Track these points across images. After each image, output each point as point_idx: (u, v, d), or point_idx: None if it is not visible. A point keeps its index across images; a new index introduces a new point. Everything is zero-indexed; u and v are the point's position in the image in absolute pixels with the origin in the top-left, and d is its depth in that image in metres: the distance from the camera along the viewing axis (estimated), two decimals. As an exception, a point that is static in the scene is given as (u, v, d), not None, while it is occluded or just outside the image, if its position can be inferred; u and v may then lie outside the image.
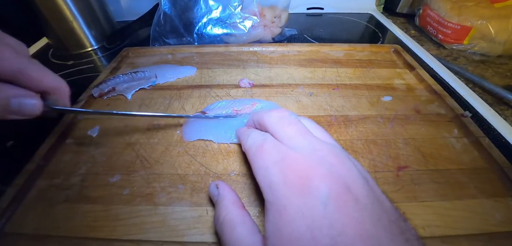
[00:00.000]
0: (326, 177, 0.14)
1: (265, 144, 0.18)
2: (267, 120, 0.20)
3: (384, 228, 0.13)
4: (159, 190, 0.23)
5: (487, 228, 0.20)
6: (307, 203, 0.14)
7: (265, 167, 0.16)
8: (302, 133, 0.18)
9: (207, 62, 0.41)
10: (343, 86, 0.35)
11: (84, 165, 0.25)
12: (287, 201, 0.14)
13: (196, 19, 0.46)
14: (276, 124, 0.19)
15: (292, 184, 0.15)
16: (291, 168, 0.15)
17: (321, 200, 0.14)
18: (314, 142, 0.17)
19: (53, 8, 0.44)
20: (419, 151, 0.26)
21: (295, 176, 0.15)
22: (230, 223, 0.16)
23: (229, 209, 0.17)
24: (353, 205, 0.13)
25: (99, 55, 0.49)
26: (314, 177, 0.14)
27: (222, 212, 0.17)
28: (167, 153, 0.26)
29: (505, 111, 0.33)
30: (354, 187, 0.14)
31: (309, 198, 0.14)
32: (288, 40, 0.52)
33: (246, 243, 0.15)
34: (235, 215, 0.17)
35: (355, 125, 0.29)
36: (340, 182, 0.14)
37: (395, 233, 0.13)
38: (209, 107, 0.31)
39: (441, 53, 0.48)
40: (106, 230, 0.20)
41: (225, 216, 0.17)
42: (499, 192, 0.22)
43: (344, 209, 0.13)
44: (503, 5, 0.43)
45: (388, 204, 0.15)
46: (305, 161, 0.15)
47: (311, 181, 0.14)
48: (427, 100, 0.33)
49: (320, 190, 0.14)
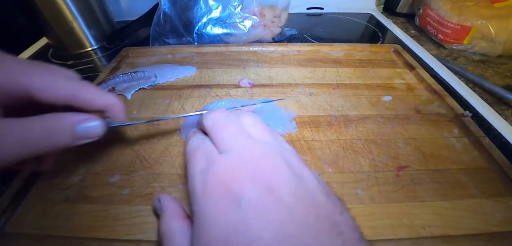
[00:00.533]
0: (246, 180, 0.14)
1: (197, 151, 0.17)
2: (204, 123, 0.19)
3: (309, 227, 0.12)
4: (159, 189, 0.23)
5: (487, 228, 0.20)
6: (224, 209, 0.13)
7: (191, 175, 0.16)
8: (235, 136, 0.17)
9: (207, 62, 0.41)
10: (343, 86, 0.35)
11: (84, 165, 0.25)
12: (206, 209, 0.14)
13: (196, 19, 0.46)
14: (212, 127, 0.18)
15: (212, 192, 0.14)
16: (214, 175, 0.15)
17: (239, 204, 0.13)
18: (244, 144, 0.16)
19: (53, 8, 0.44)
20: (419, 150, 0.26)
21: (216, 183, 0.15)
22: (169, 234, 0.16)
23: (168, 221, 0.17)
24: (274, 207, 0.13)
25: (99, 55, 0.49)
26: (234, 182, 0.14)
27: (161, 224, 0.17)
28: (167, 153, 0.26)
29: (505, 111, 0.33)
30: (279, 188, 0.14)
31: (227, 204, 0.13)
32: (288, 40, 0.52)
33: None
34: (174, 226, 0.17)
35: (355, 125, 0.29)
36: (262, 184, 0.14)
37: (323, 229, 0.12)
38: (208, 106, 0.31)
39: (441, 53, 0.48)
40: (106, 230, 0.20)
41: (164, 228, 0.17)
42: (499, 192, 0.22)
43: (263, 212, 0.13)
44: (503, 5, 0.43)
45: (322, 199, 0.14)
46: (228, 166, 0.15)
47: (231, 186, 0.14)
48: (427, 100, 0.33)
49: (239, 194, 0.14)
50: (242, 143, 0.17)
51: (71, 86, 0.18)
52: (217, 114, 0.19)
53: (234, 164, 0.15)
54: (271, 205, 0.13)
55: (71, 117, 0.18)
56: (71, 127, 0.18)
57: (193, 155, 0.17)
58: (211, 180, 0.15)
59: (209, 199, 0.14)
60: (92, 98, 0.20)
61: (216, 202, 0.14)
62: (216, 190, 0.14)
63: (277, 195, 0.13)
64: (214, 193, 0.14)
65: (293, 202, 0.13)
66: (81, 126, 0.18)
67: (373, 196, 0.22)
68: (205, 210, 0.14)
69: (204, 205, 0.14)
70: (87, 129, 0.19)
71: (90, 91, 0.20)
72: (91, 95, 0.20)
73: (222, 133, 0.18)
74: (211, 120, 0.19)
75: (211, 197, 0.14)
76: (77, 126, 0.18)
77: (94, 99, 0.20)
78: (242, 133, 0.17)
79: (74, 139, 0.18)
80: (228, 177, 0.15)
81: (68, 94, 0.18)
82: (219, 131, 0.18)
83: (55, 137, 0.17)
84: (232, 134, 0.17)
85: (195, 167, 0.16)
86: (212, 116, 0.19)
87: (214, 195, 0.14)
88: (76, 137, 0.18)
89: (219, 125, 0.18)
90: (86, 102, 0.19)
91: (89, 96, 0.19)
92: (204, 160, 0.16)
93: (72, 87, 0.19)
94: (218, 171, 0.15)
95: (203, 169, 0.16)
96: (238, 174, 0.14)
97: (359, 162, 0.25)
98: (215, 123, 0.19)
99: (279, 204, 0.13)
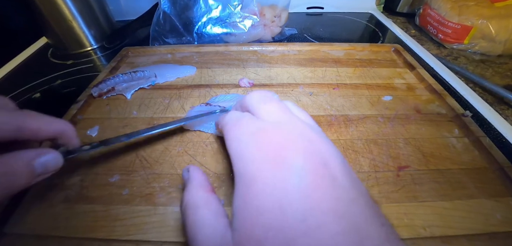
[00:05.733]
0: (304, 150, 0.14)
1: (243, 119, 0.17)
2: (248, 99, 0.19)
3: (360, 210, 0.12)
4: (159, 190, 0.23)
5: (487, 228, 0.20)
6: (279, 175, 0.13)
7: (238, 137, 0.16)
8: (282, 110, 0.17)
9: (207, 62, 0.40)
10: (343, 86, 0.35)
11: (84, 165, 0.25)
12: (258, 172, 0.14)
13: (196, 18, 0.46)
14: (256, 101, 0.18)
15: (265, 155, 0.14)
16: (267, 139, 0.15)
17: (295, 172, 0.13)
18: (294, 118, 0.17)
19: (52, 7, 0.44)
20: (420, 150, 0.26)
21: (270, 147, 0.14)
22: (194, 205, 0.16)
23: (194, 192, 0.16)
24: (330, 182, 0.13)
25: (98, 54, 0.49)
26: (291, 149, 0.14)
27: (186, 194, 0.17)
28: (167, 153, 0.26)
29: (506, 111, 0.33)
30: (333, 165, 0.14)
31: (283, 170, 0.13)
32: (288, 39, 0.51)
33: (208, 224, 0.14)
34: (200, 197, 0.16)
35: (356, 125, 0.29)
36: (318, 157, 0.14)
37: (371, 216, 0.12)
38: (213, 99, 0.32)
39: (441, 52, 0.48)
40: (106, 230, 0.20)
41: (189, 198, 0.16)
42: (500, 192, 0.22)
43: (320, 183, 0.13)
44: (504, 4, 0.43)
45: (364, 189, 0.14)
46: (283, 134, 0.15)
47: (287, 153, 0.14)
48: (428, 100, 0.32)
49: (295, 162, 0.13)
50: (291, 118, 0.17)
51: (14, 118, 0.16)
52: (261, 92, 0.19)
53: (287, 133, 0.15)
54: (328, 180, 0.13)
55: (25, 154, 0.16)
56: (27, 165, 0.16)
57: (237, 121, 0.17)
58: (264, 143, 0.15)
59: (262, 161, 0.14)
60: (40, 127, 0.18)
61: (269, 165, 0.14)
62: (271, 153, 0.14)
63: (332, 172, 0.13)
64: (269, 155, 0.14)
65: (346, 183, 0.13)
66: (38, 161, 0.16)
67: (373, 196, 0.22)
68: (256, 172, 0.14)
69: (255, 167, 0.14)
70: (45, 163, 0.17)
71: (36, 119, 0.18)
72: (37, 124, 0.18)
73: (269, 106, 0.18)
74: (256, 96, 0.19)
75: (264, 158, 0.14)
76: (34, 162, 0.16)
77: (42, 128, 0.18)
78: (288, 109, 0.18)
79: (33, 177, 0.16)
80: (282, 144, 0.14)
81: (12, 127, 0.16)
82: (266, 103, 0.18)
83: (11, 180, 0.15)
84: (278, 108, 0.17)
85: (242, 131, 0.16)
86: (256, 93, 0.19)
87: (268, 157, 0.14)
88: (34, 174, 0.16)
89: (266, 99, 0.18)
90: (34, 133, 0.17)
91: (35, 125, 0.18)
92: (252, 125, 0.16)
93: (15, 119, 0.16)
94: (272, 135, 0.15)
95: (252, 132, 0.16)
96: (292, 144, 0.14)
97: (359, 162, 0.25)
98: (258, 98, 0.19)
99: (334, 181, 0.13)
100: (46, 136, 0.18)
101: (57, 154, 0.18)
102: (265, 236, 0.12)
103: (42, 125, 0.18)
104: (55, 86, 0.40)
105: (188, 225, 0.15)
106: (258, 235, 0.12)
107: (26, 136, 0.17)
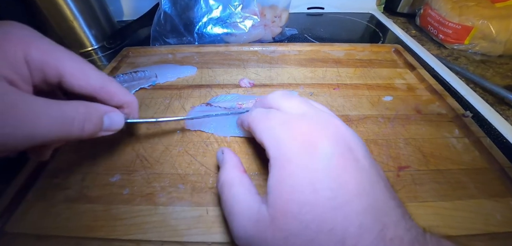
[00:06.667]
0: (331, 136, 0.15)
1: (270, 113, 0.19)
2: (271, 97, 0.21)
3: (380, 190, 0.14)
4: (159, 189, 0.23)
5: (488, 228, 0.20)
6: (311, 158, 0.15)
7: (271, 127, 0.18)
8: (305, 103, 0.19)
9: (208, 62, 0.40)
10: (343, 86, 0.35)
11: (84, 164, 0.25)
12: (292, 154, 0.15)
13: (197, 18, 0.46)
14: (279, 99, 0.20)
15: (297, 140, 0.16)
16: (297, 127, 0.16)
17: (325, 156, 0.15)
18: (318, 110, 0.18)
19: (53, 7, 0.44)
20: (420, 151, 0.26)
21: (300, 134, 0.16)
22: (230, 183, 0.18)
23: (229, 172, 0.19)
24: (354, 165, 0.14)
25: (99, 54, 0.49)
26: (319, 136, 0.15)
27: (222, 174, 0.19)
28: (167, 153, 0.26)
29: (506, 112, 0.33)
30: (356, 149, 0.15)
31: (314, 153, 0.15)
32: (288, 40, 0.52)
33: (243, 199, 0.16)
34: (234, 176, 0.18)
35: (356, 125, 0.29)
36: (344, 142, 0.15)
37: (389, 197, 0.14)
38: (214, 99, 0.32)
39: (441, 53, 0.48)
40: (106, 229, 0.20)
41: (225, 176, 0.18)
42: (500, 192, 0.22)
43: (346, 166, 0.14)
44: (504, 5, 0.43)
45: (382, 173, 0.16)
46: (310, 123, 0.17)
47: (317, 139, 0.15)
48: (428, 100, 0.32)
49: (325, 147, 0.15)
50: (314, 109, 0.18)
51: (100, 77, 0.19)
52: (281, 91, 0.21)
53: (314, 122, 0.17)
54: (352, 162, 0.14)
55: (100, 107, 0.19)
56: (100, 118, 0.18)
57: (266, 115, 0.19)
58: (295, 130, 0.16)
59: (296, 145, 0.15)
60: (117, 93, 0.20)
61: (302, 149, 0.15)
62: (302, 138, 0.16)
63: (356, 155, 0.15)
64: (301, 140, 0.16)
65: (367, 166, 0.15)
66: (108, 116, 0.19)
67: (374, 196, 0.22)
68: (290, 154, 0.15)
69: (289, 150, 0.15)
70: (112, 120, 0.20)
71: (115, 86, 0.21)
72: (116, 89, 0.20)
73: (291, 102, 0.19)
74: (278, 94, 0.21)
75: (297, 143, 0.15)
76: (105, 116, 0.19)
77: (119, 94, 0.21)
78: (309, 102, 0.19)
79: (100, 128, 0.19)
80: (312, 131, 0.16)
81: (97, 84, 0.19)
82: (288, 100, 0.19)
83: (85, 124, 0.17)
84: (300, 102, 0.19)
85: (273, 122, 0.18)
86: (277, 92, 0.21)
87: (300, 142, 0.15)
88: (102, 127, 0.19)
89: (286, 96, 0.20)
90: (112, 95, 0.20)
91: (115, 90, 0.20)
92: (281, 117, 0.18)
93: (101, 79, 0.19)
94: (301, 125, 0.17)
95: (282, 122, 0.17)
96: (320, 131, 0.16)
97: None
98: (281, 96, 0.20)
99: (358, 163, 0.15)
100: (118, 102, 0.21)
101: (122, 116, 0.21)
102: (299, 210, 0.13)
103: (120, 92, 0.21)
104: (56, 86, 0.40)
105: (225, 200, 0.17)
106: (292, 209, 0.14)
107: (106, 95, 0.20)
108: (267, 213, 0.14)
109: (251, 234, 0.15)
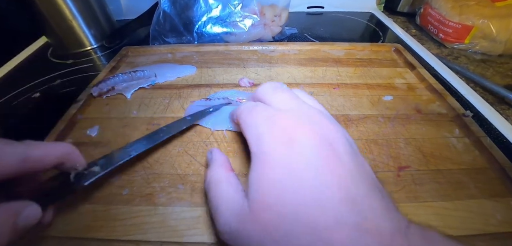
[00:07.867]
0: (310, 131, 0.16)
1: (257, 107, 0.19)
2: (260, 91, 0.21)
3: (362, 183, 0.14)
4: (159, 190, 0.23)
5: (488, 228, 0.20)
6: (290, 152, 0.15)
7: (254, 123, 0.18)
8: (292, 98, 0.19)
9: (207, 61, 0.40)
10: (343, 86, 0.35)
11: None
12: (272, 150, 0.16)
13: (196, 18, 0.46)
14: (268, 92, 0.20)
15: (278, 136, 0.16)
16: (279, 123, 0.17)
17: (304, 150, 0.15)
18: (303, 105, 0.18)
19: (52, 7, 0.44)
20: (420, 150, 0.26)
21: (282, 130, 0.16)
22: (216, 181, 0.18)
23: (217, 170, 0.19)
24: (334, 159, 0.15)
25: (98, 54, 0.49)
26: (299, 131, 0.16)
27: (209, 172, 0.19)
28: (167, 153, 0.26)
29: (506, 111, 0.33)
30: (337, 144, 0.15)
31: (293, 148, 0.15)
32: (288, 39, 0.51)
33: (228, 196, 0.17)
34: (221, 174, 0.18)
35: (356, 125, 0.29)
36: (324, 138, 0.15)
37: (372, 190, 0.14)
38: (213, 95, 0.32)
39: (442, 52, 0.48)
40: (105, 230, 0.20)
41: (212, 175, 0.19)
42: (500, 192, 0.22)
43: (325, 160, 0.14)
44: (505, 4, 0.43)
45: (368, 167, 0.16)
46: (293, 119, 0.17)
47: (296, 134, 0.16)
48: (428, 100, 0.32)
49: (303, 141, 0.15)
50: (300, 105, 0.19)
51: (17, 148, 0.15)
52: (272, 83, 0.21)
53: (297, 118, 0.17)
54: (332, 156, 0.15)
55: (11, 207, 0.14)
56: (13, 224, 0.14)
57: (253, 109, 0.19)
58: (276, 126, 0.17)
59: (275, 141, 0.16)
60: (44, 154, 0.17)
61: (282, 144, 0.15)
62: (282, 134, 0.16)
63: (336, 149, 0.15)
64: (281, 136, 0.16)
65: (347, 160, 0.15)
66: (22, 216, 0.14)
67: (374, 196, 0.22)
68: (270, 149, 0.16)
69: (269, 146, 0.16)
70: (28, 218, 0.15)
71: (39, 147, 0.16)
72: (41, 151, 0.16)
73: (280, 95, 0.19)
74: (268, 87, 0.21)
75: (277, 139, 0.16)
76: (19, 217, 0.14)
77: (46, 154, 0.17)
78: (296, 97, 0.19)
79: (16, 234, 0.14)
80: (292, 127, 0.16)
81: (18, 158, 0.15)
82: (277, 93, 0.20)
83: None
84: (288, 96, 0.19)
85: (258, 117, 0.18)
86: (267, 85, 0.21)
87: (280, 137, 0.16)
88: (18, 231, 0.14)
89: (276, 90, 0.20)
90: (39, 161, 0.16)
91: (39, 153, 0.16)
92: (266, 112, 0.18)
93: (18, 150, 0.15)
94: (282, 120, 0.17)
95: (266, 118, 0.18)
96: (301, 127, 0.16)
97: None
98: (272, 89, 0.20)
99: (338, 157, 0.15)
100: (51, 161, 0.17)
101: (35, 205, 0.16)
102: (276, 202, 0.14)
103: (46, 151, 0.17)
104: (55, 85, 0.40)
105: (212, 197, 0.17)
106: (270, 201, 0.14)
107: (31, 166, 0.16)
108: (247, 206, 0.15)
109: (234, 228, 0.15)
